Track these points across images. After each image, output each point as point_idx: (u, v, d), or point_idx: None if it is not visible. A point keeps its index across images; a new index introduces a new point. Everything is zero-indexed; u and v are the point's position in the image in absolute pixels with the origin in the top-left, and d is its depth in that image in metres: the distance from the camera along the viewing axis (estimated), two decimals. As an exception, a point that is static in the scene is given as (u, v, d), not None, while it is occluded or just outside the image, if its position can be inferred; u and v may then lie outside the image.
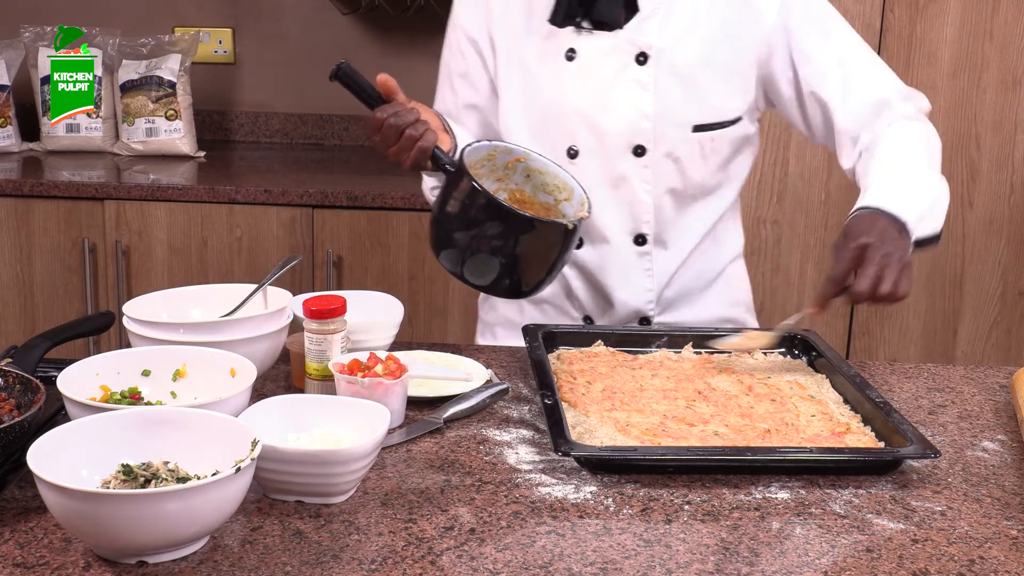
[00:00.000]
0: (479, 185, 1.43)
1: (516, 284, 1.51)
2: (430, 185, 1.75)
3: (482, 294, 1.87)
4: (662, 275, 1.76)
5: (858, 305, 1.52)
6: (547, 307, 1.82)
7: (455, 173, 1.46)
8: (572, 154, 1.69)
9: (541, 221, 1.47)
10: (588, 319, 1.79)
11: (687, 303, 1.80)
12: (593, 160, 1.69)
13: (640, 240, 1.73)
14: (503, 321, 1.86)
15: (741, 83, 1.70)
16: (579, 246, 1.73)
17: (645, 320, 1.77)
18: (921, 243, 1.55)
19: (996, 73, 2.92)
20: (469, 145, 1.50)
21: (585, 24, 1.67)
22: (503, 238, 1.45)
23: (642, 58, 1.65)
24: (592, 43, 1.67)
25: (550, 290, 1.74)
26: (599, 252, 1.75)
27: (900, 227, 1.49)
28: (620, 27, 1.66)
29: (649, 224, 1.73)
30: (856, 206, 1.54)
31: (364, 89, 1.52)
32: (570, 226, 1.47)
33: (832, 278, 1.46)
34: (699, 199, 1.75)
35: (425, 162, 1.47)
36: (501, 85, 1.74)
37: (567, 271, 1.76)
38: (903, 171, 1.60)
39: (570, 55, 1.67)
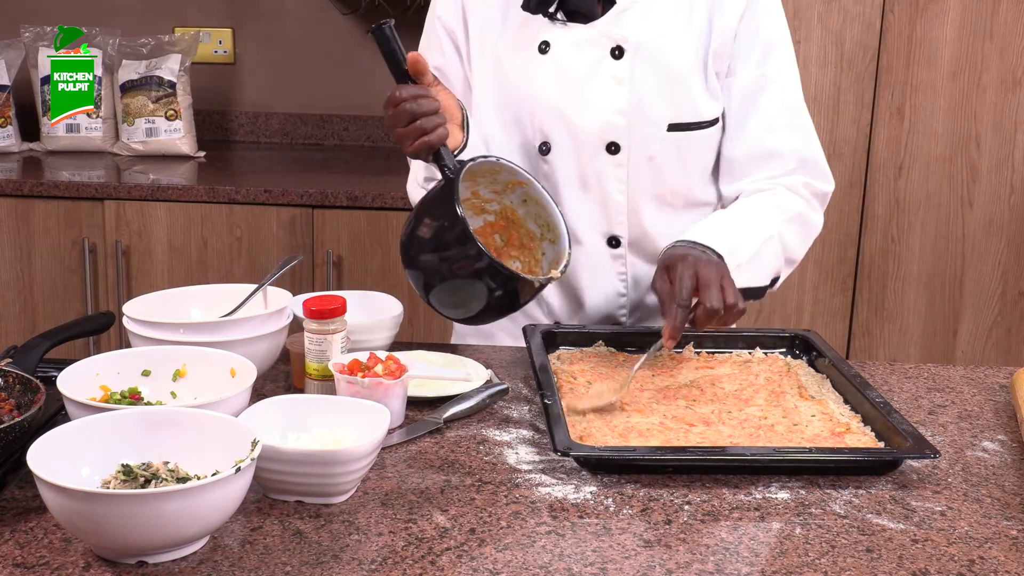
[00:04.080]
0: (460, 209, 1.38)
1: (431, 300, 1.46)
2: (422, 176, 1.69)
3: None
4: (638, 280, 1.72)
5: (702, 327, 1.49)
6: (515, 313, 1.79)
7: (447, 182, 1.42)
8: (544, 150, 1.66)
9: (498, 265, 1.39)
10: (557, 324, 1.74)
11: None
12: (566, 157, 1.65)
13: (613, 242, 1.69)
14: (473, 330, 1.81)
15: (712, 84, 1.65)
16: None
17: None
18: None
19: (996, 73, 2.92)
20: (476, 159, 1.46)
21: (559, 15, 1.62)
22: (459, 262, 1.40)
23: (617, 52, 1.61)
24: (566, 35, 1.63)
25: None
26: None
27: (718, 255, 1.51)
28: (596, 19, 1.62)
29: (623, 226, 1.68)
30: (683, 239, 1.55)
31: (397, 59, 1.44)
32: (536, 284, 1.44)
33: (682, 304, 1.44)
34: (683, 207, 1.70)
35: (427, 156, 1.44)
36: (474, 78, 1.69)
37: None
38: (742, 222, 1.60)
39: (543, 48, 1.63)
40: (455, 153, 1.47)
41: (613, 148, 1.64)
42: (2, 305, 2.92)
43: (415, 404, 1.45)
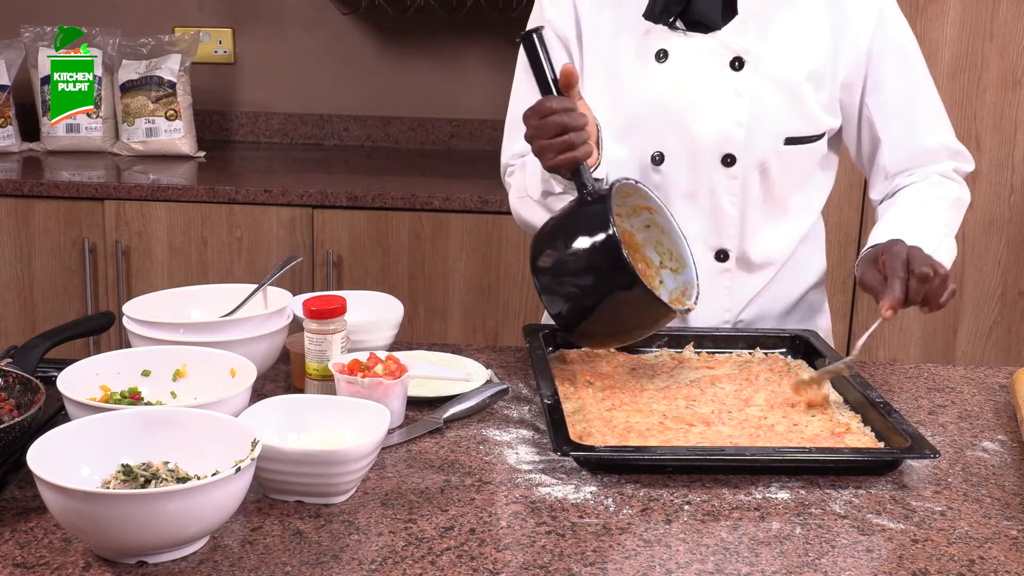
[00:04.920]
0: (614, 228, 1.37)
1: (575, 323, 1.46)
2: (538, 191, 1.60)
3: None
4: (742, 296, 1.71)
5: (916, 297, 1.45)
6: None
7: (595, 200, 1.41)
8: (657, 160, 1.63)
9: (650, 294, 1.39)
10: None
11: (764, 327, 1.73)
12: (679, 167, 1.63)
13: (722, 256, 1.67)
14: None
15: (830, 99, 1.65)
16: None
17: None
18: None
19: (996, 73, 2.92)
20: (620, 180, 1.47)
21: (679, 24, 1.60)
22: (602, 283, 1.40)
23: (737, 63, 1.60)
24: (685, 44, 1.61)
25: None
26: None
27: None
28: (717, 28, 1.60)
29: (732, 239, 1.67)
30: (874, 242, 1.54)
31: (549, 68, 1.42)
32: (678, 314, 1.44)
33: (900, 276, 1.41)
34: (783, 217, 1.70)
35: (567, 172, 1.43)
36: (586, 85, 1.65)
37: None
38: (922, 218, 1.61)
39: (661, 56, 1.61)
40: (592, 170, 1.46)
41: (729, 160, 1.62)
42: (2, 305, 2.92)
43: (415, 404, 1.45)
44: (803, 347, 1.63)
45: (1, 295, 2.91)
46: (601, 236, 1.38)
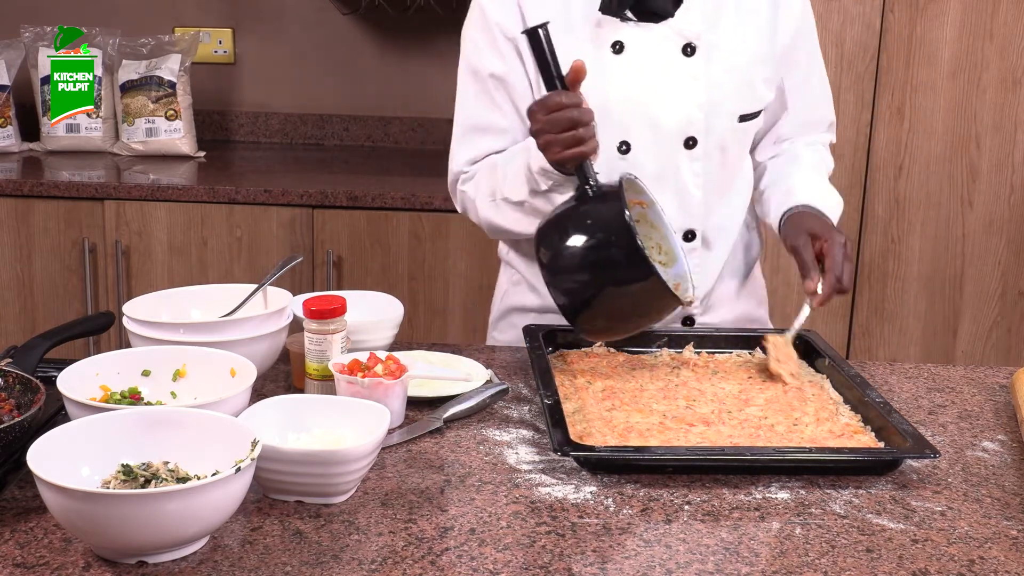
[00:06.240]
0: (631, 220, 1.40)
1: (577, 314, 1.48)
2: (522, 192, 1.59)
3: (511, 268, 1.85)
4: (710, 272, 1.75)
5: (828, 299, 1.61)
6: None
7: (602, 195, 1.45)
8: (624, 149, 1.65)
9: (663, 284, 1.42)
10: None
11: (724, 304, 1.79)
12: (645, 154, 1.66)
13: (690, 236, 1.71)
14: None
15: (772, 74, 1.72)
16: None
17: (689, 320, 1.75)
18: None
19: (996, 73, 2.92)
20: (624, 175, 1.50)
21: (630, 15, 1.64)
22: (619, 275, 1.43)
23: (689, 49, 1.64)
24: (640, 35, 1.64)
25: None
26: None
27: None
28: (669, 16, 1.64)
29: (698, 219, 1.71)
30: (803, 203, 1.67)
31: (554, 63, 1.45)
32: (685, 303, 1.49)
33: (839, 276, 1.55)
34: (734, 191, 1.76)
35: (572, 167, 1.46)
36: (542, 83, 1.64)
37: None
38: (825, 187, 1.77)
39: (617, 48, 1.64)
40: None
41: (691, 143, 1.67)
42: (2, 305, 2.92)
43: (415, 404, 1.45)
44: (803, 347, 1.63)
45: (1, 295, 2.91)
46: (618, 231, 1.41)
